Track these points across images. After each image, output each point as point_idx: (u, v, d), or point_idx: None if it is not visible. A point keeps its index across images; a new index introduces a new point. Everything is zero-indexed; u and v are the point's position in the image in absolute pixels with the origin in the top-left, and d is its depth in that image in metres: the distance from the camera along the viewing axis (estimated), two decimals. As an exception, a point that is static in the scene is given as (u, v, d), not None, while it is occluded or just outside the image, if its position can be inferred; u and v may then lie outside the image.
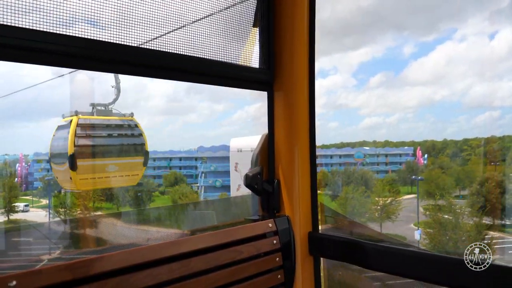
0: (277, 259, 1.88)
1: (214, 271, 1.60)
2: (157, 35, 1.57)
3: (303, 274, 1.98)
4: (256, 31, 1.98)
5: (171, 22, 1.62)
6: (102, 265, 1.33)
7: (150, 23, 1.55)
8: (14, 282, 1.14)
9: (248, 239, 1.79)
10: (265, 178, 2.05)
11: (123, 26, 1.48)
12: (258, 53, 1.98)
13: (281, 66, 2.00)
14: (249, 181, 1.95)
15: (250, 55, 1.96)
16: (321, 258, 2.08)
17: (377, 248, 1.75)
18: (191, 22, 1.68)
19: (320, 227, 2.07)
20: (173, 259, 1.50)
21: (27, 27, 1.24)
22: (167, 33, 1.60)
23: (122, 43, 1.48)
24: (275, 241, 1.89)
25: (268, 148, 2.06)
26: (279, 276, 1.88)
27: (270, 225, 1.91)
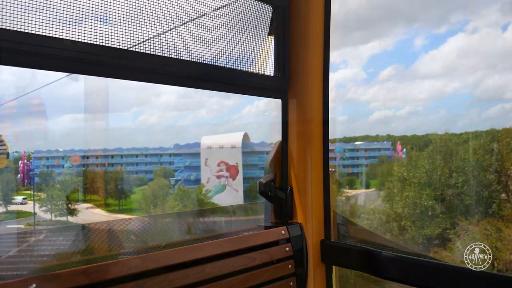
0: (290, 266, 1.88)
1: (228, 277, 1.61)
2: (174, 43, 1.59)
3: (315, 282, 1.98)
4: (271, 39, 1.99)
5: (188, 30, 1.64)
6: (118, 270, 1.34)
7: (166, 29, 1.56)
8: (34, 285, 1.17)
9: (261, 246, 1.80)
10: (278, 185, 2.06)
11: (132, 31, 1.44)
12: (273, 61, 2.00)
13: (296, 74, 2.01)
14: (263, 188, 1.95)
15: (265, 63, 1.97)
16: (333, 266, 2.07)
17: (391, 257, 1.74)
18: (207, 30, 1.70)
19: (332, 235, 2.06)
20: (188, 265, 1.51)
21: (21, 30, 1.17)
22: (184, 41, 1.62)
23: (136, 50, 1.46)
24: (287, 249, 1.89)
25: (281, 155, 2.06)
26: (291, 284, 1.88)
27: (283, 232, 1.91)
